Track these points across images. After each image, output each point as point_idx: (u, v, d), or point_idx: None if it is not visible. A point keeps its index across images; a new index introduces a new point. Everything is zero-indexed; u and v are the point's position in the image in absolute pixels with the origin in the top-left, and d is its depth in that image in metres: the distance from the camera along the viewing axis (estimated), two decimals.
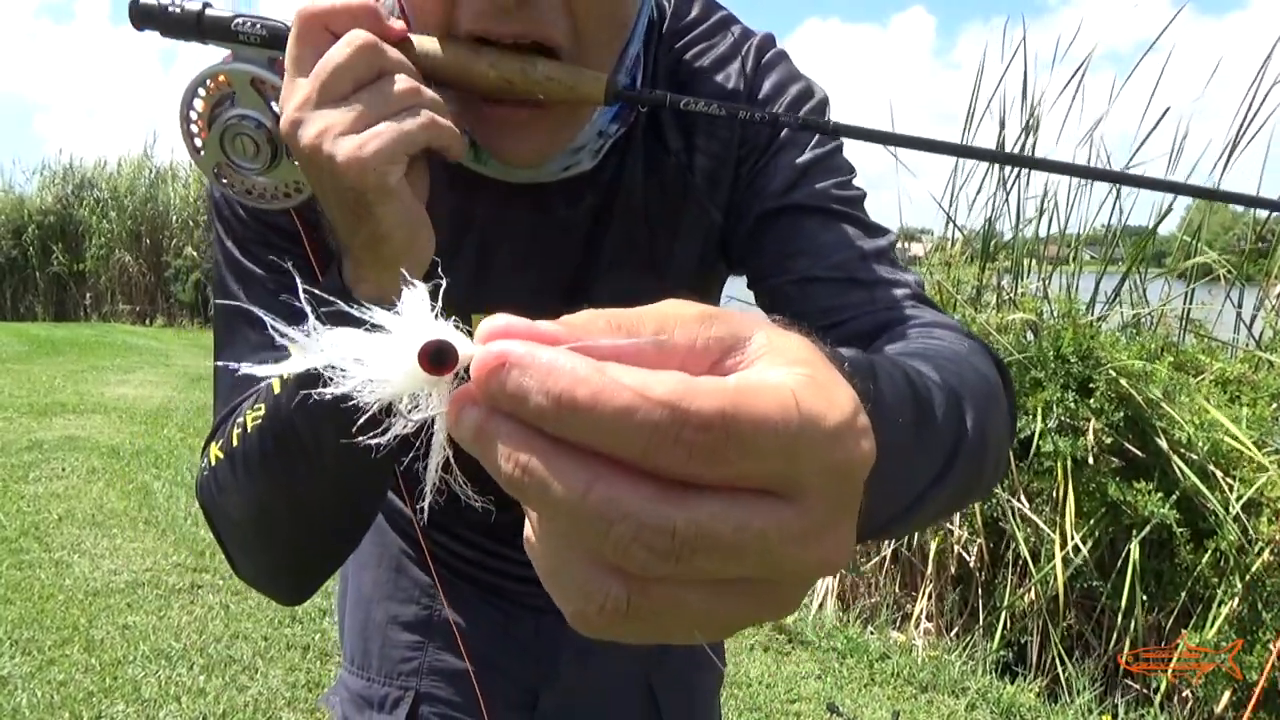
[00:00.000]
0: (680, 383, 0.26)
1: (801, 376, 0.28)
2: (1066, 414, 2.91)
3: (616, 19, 0.64)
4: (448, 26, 0.61)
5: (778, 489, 0.27)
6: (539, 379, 0.27)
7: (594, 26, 0.62)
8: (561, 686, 0.97)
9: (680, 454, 0.26)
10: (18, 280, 14.87)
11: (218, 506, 0.68)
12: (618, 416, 0.26)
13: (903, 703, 2.77)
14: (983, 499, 2.91)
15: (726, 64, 0.77)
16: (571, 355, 0.27)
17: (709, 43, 0.78)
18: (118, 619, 2.99)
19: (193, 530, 3.86)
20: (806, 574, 0.29)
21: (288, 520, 0.67)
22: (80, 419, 5.88)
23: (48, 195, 14.61)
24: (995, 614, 3.09)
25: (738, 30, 0.79)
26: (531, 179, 0.73)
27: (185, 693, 2.55)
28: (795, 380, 0.28)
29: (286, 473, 0.63)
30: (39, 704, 2.43)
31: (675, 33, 0.78)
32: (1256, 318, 3.35)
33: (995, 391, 0.59)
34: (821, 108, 0.77)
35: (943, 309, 0.72)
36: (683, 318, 0.29)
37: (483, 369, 0.27)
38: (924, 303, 0.71)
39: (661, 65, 0.76)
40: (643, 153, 0.76)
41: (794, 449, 0.27)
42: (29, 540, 3.66)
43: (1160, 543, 2.84)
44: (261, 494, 0.65)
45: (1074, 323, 3.12)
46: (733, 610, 0.29)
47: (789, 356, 0.29)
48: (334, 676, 2.70)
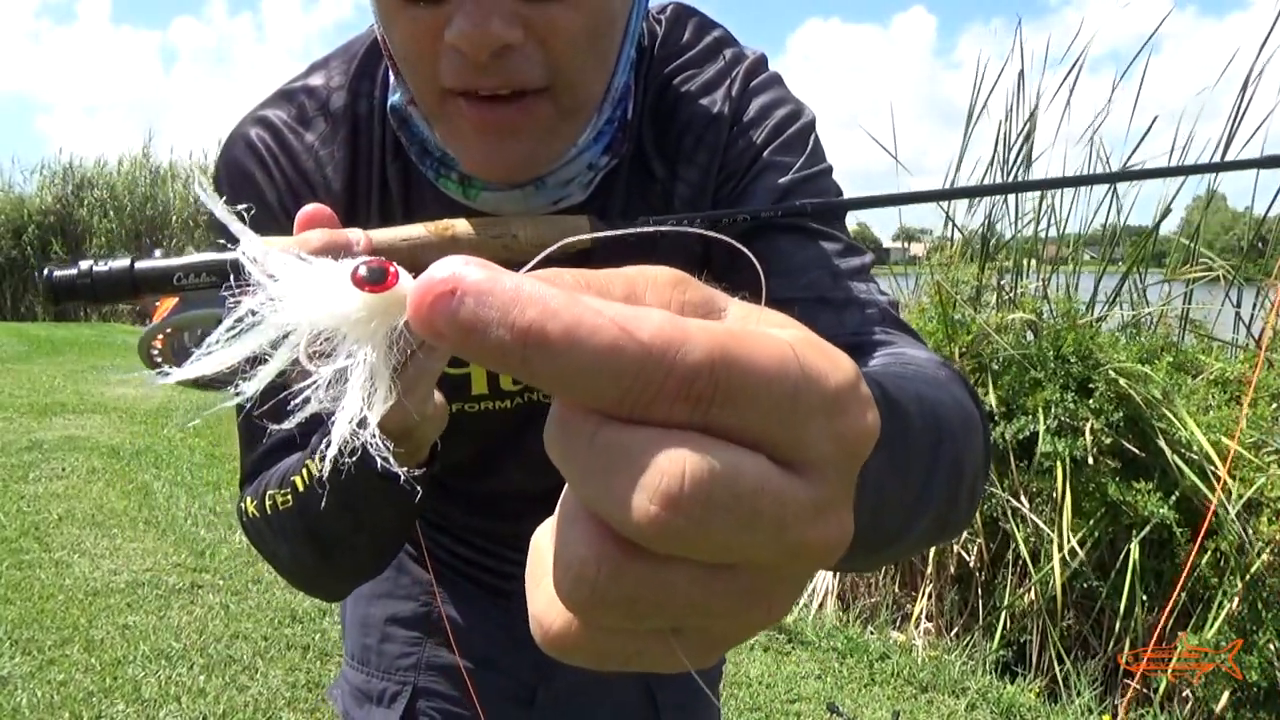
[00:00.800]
0: (669, 321, 0.22)
1: (798, 334, 0.25)
2: (1066, 414, 2.91)
3: (596, 55, 0.64)
4: (433, 82, 0.62)
5: (782, 456, 0.24)
6: (500, 308, 0.22)
7: (574, 66, 0.62)
8: (559, 683, 0.98)
9: (663, 406, 0.22)
10: (18, 280, 14.87)
11: (261, 547, 0.75)
12: (598, 357, 0.22)
13: (903, 703, 2.77)
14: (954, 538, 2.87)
15: (714, 88, 0.76)
16: (539, 283, 0.23)
17: (699, 68, 0.77)
18: (118, 619, 2.99)
19: (193, 530, 3.86)
20: (809, 559, 0.25)
21: (329, 569, 0.73)
22: (80, 419, 5.88)
23: (48, 195, 14.61)
24: (995, 614, 3.09)
25: (730, 54, 0.78)
26: (522, 211, 0.72)
27: (185, 693, 2.55)
28: (792, 336, 0.25)
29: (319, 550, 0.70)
30: (39, 704, 2.43)
31: (665, 58, 0.77)
32: (1256, 317, 3.35)
33: (973, 423, 0.57)
34: (808, 129, 0.76)
35: (917, 333, 0.70)
36: (655, 281, 0.26)
37: (426, 294, 0.22)
38: (897, 326, 0.69)
39: (650, 92, 0.76)
40: (629, 182, 0.76)
41: (794, 407, 0.23)
42: (29, 540, 3.66)
43: (1160, 542, 2.84)
44: (299, 553, 0.71)
45: (1074, 323, 3.12)
46: (721, 606, 0.24)
47: (776, 321, 0.26)
48: (334, 676, 2.70)
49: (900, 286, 3.93)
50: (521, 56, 0.59)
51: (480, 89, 0.61)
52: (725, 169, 0.75)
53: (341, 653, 1.05)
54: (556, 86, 0.62)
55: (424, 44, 0.60)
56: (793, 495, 0.24)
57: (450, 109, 0.63)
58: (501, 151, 0.64)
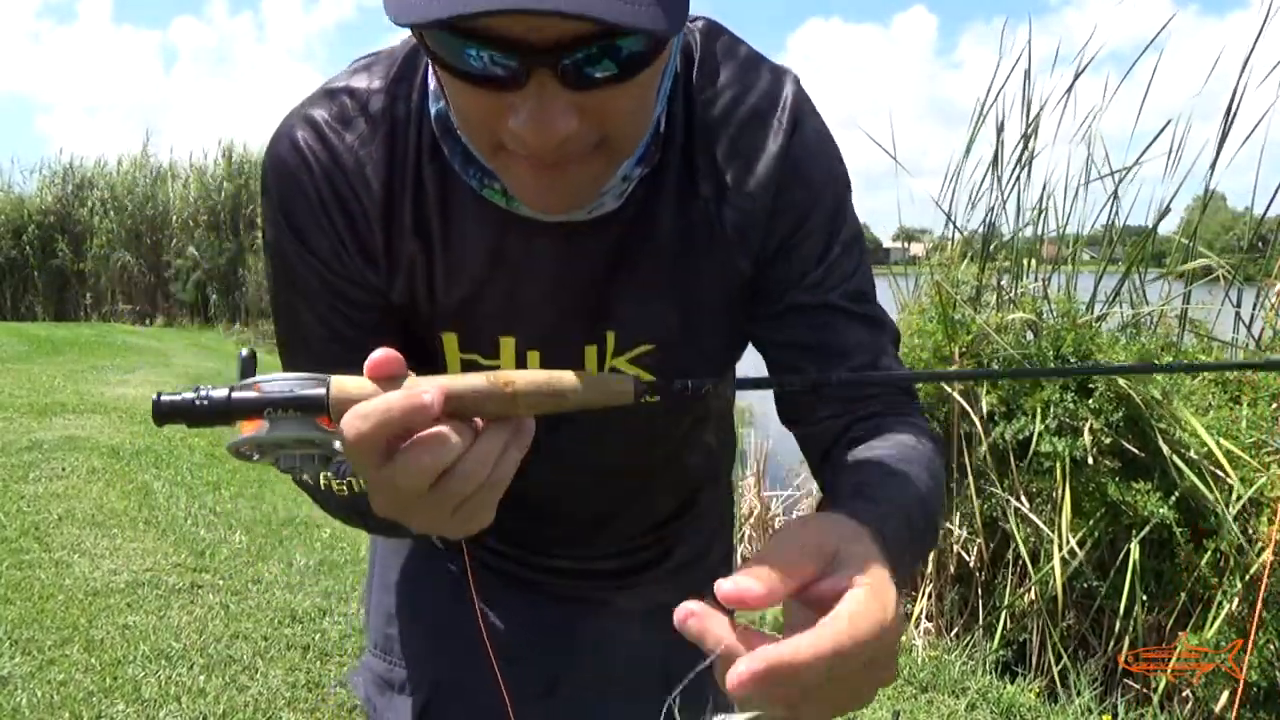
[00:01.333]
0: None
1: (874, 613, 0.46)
2: (1066, 414, 2.91)
3: (645, 114, 0.67)
4: (492, 139, 0.64)
5: None
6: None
7: (625, 132, 0.66)
8: (580, 674, 1.00)
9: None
10: (17, 280, 14.88)
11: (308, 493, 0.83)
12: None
13: (903, 702, 2.78)
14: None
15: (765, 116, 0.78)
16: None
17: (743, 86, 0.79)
18: (118, 619, 3.00)
19: (193, 530, 3.87)
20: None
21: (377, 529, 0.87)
22: (80, 419, 5.89)
23: (48, 195, 14.62)
24: (995, 614, 3.09)
25: (770, 73, 0.80)
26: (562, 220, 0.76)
27: (185, 693, 2.55)
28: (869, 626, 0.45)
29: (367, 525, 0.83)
30: (39, 704, 2.43)
31: (706, 73, 0.79)
32: (1256, 317, 3.35)
33: (943, 480, 0.73)
34: (848, 185, 0.82)
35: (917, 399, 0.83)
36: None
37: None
38: (907, 394, 0.82)
39: (694, 106, 0.78)
40: (674, 192, 0.78)
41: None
42: (29, 540, 3.66)
43: (1160, 542, 2.84)
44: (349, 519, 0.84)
45: (1073, 323, 3.12)
46: None
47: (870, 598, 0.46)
48: (334, 676, 2.71)
49: (900, 287, 3.93)
50: (577, 136, 0.62)
51: (535, 153, 0.64)
52: (777, 215, 0.78)
53: (341, 653, 1.07)
54: (607, 144, 0.66)
55: (487, 118, 0.63)
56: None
57: (506, 159, 0.66)
58: (554, 191, 0.67)
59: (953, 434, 3.19)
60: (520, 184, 0.67)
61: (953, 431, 3.19)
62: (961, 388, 3.15)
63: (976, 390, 3.13)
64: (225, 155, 13.65)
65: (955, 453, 3.19)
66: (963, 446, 3.17)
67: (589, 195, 0.71)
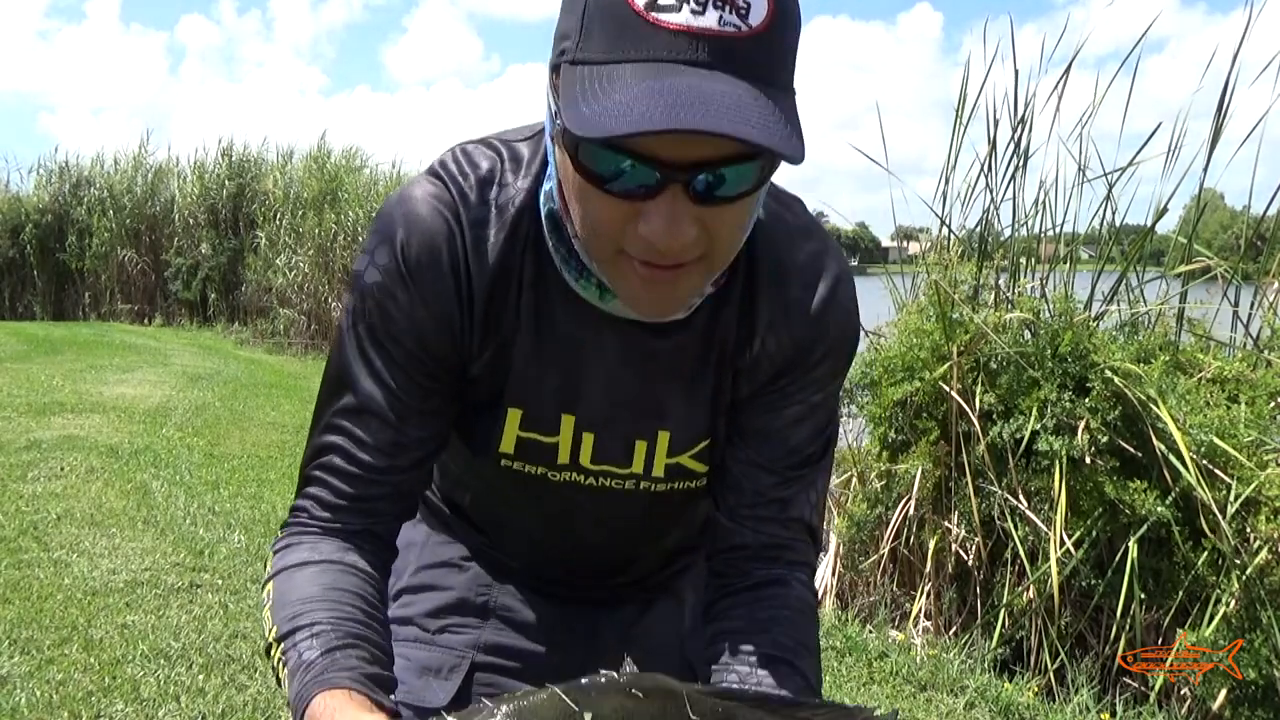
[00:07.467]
0: None
1: None
2: (1063, 413, 2.92)
3: (743, 233, 0.75)
4: (613, 244, 0.71)
5: None
6: None
7: (728, 248, 0.75)
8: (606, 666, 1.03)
9: None
10: (16, 280, 14.86)
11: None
12: None
13: (901, 701, 2.78)
14: None
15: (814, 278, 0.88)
16: None
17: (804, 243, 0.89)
18: (116, 618, 2.99)
19: (192, 530, 3.87)
20: None
21: None
22: (79, 418, 5.88)
23: (45, 194, 14.58)
24: (994, 612, 3.09)
25: (820, 239, 0.90)
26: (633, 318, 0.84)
27: (184, 692, 2.55)
28: None
29: None
30: (38, 703, 2.43)
31: (776, 219, 0.88)
32: (1254, 316, 3.35)
33: (816, 655, 0.96)
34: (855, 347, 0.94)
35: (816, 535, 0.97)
36: None
37: None
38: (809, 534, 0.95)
39: (763, 251, 0.86)
40: (735, 312, 0.87)
41: None
42: (27, 540, 3.66)
43: (1158, 541, 2.84)
44: None
45: (1071, 322, 3.12)
46: None
47: None
48: None
49: (898, 286, 3.93)
50: (694, 245, 0.70)
51: (654, 261, 0.71)
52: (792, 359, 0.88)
53: None
54: (711, 257, 0.73)
55: (615, 224, 0.70)
56: None
57: (623, 265, 0.73)
58: (660, 299, 0.75)
59: (950, 433, 3.20)
60: (630, 287, 0.75)
61: (950, 431, 3.20)
62: (959, 386, 3.16)
63: (974, 389, 3.14)
64: (225, 155, 13.61)
65: (953, 452, 3.20)
66: (960, 445, 3.18)
67: (686, 302, 0.80)
